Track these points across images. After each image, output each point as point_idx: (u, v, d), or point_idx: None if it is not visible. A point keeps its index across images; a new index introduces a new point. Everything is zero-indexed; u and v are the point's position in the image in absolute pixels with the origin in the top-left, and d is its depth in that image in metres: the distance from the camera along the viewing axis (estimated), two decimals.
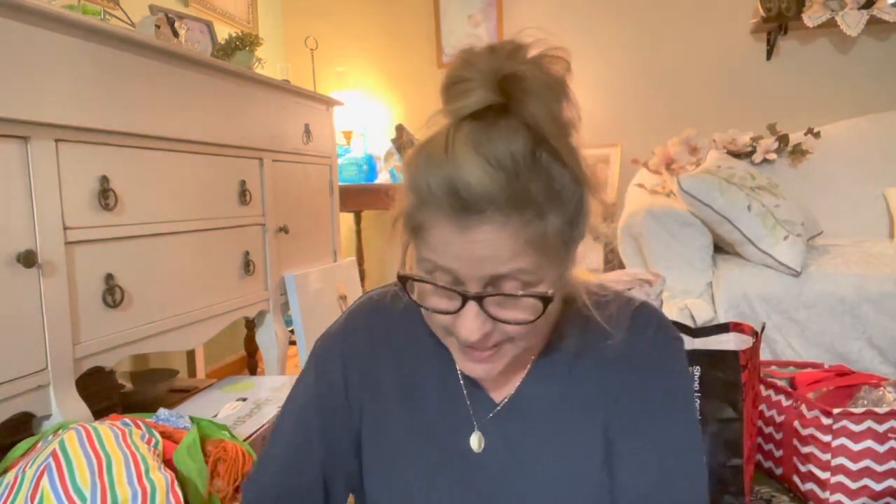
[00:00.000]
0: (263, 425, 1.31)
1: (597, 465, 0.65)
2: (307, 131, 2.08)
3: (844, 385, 1.42)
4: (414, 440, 0.69)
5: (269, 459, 0.72)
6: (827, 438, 1.26)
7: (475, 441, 0.67)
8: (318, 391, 0.72)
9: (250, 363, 2.38)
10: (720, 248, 2.17)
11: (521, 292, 0.55)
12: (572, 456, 0.66)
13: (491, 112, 0.52)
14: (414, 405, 0.69)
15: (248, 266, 1.72)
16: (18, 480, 0.87)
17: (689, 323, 1.94)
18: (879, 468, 1.24)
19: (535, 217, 0.52)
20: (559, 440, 0.66)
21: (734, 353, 1.23)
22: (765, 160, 2.58)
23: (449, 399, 0.69)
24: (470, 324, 0.56)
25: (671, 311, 2.01)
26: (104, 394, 1.45)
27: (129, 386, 1.67)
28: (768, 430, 1.42)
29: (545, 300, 0.55)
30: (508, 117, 0.52)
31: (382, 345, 0.71)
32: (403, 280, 0.59)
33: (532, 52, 0.54)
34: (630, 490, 0.64)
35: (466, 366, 0.62)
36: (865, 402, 1.36)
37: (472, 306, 0.56)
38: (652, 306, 0.70)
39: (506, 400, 0.68)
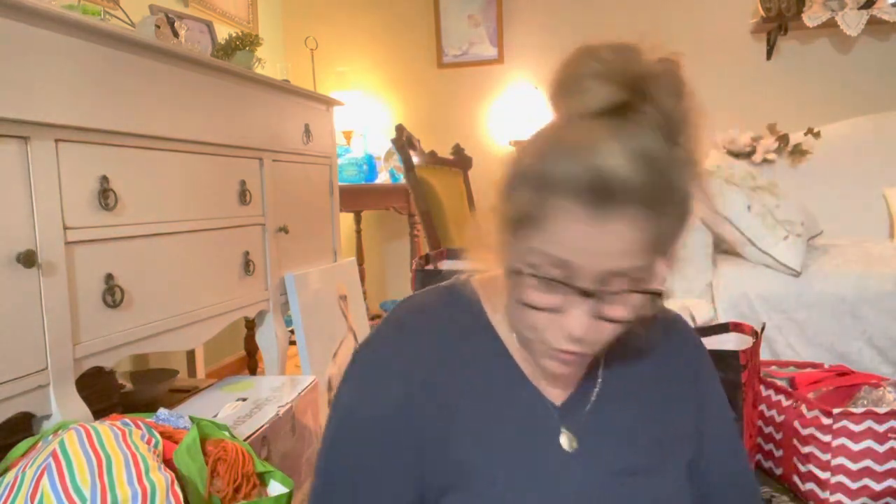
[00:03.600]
0: (263, 425, 1.31)
1: (685, 452, 0.69)
2: (307, 131, 2.08)
3: (844, 385, 1.42)
4: (499, 454, 0.64)
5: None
6: (827, 438, 1.26)
7: (565, 440, 0.66)
8: (386, 413, 0.65)
9: (250, 363, 2.38)
10: (720, 248, 2.17)
11: (633, 289, 0.55)
12: (659, 445, 0.68)
13: (621, 108, 0.52)
14: (488, 413, 0.66)
15: (248, 266, 1.72)
16: (18, 480, 0.87)
17: (689, 323, 1.94)
18: (879, 468, 1.23)
19: (657, 215, 0.52)
20: (645, 432, 0.68)
21: (734, 353, 1.23)
22: (765, 160, 2.59)
23: (525, 398, 0.67)
24: (578, 321, 0.56)
25: None
26: (104, 394, 1.45)
27: (129, 386, 1.67)
28: (768, 430, 1.42)
29: (658, 295, 0.56)
30: (643, 113, 0.52)
31: (444, 358, 0.67)
32: (517, 273, 0.57)
33: (648, 53, 0.55)
34: (718, 463, 0.73)
35: (550, 364, 0.62)
36: (865, 402, 1.36)
37: (582, 303, 0.55)
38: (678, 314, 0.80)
39: (581, 399, 0.68)
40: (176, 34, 1.59)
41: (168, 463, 0.96)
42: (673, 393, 0.71)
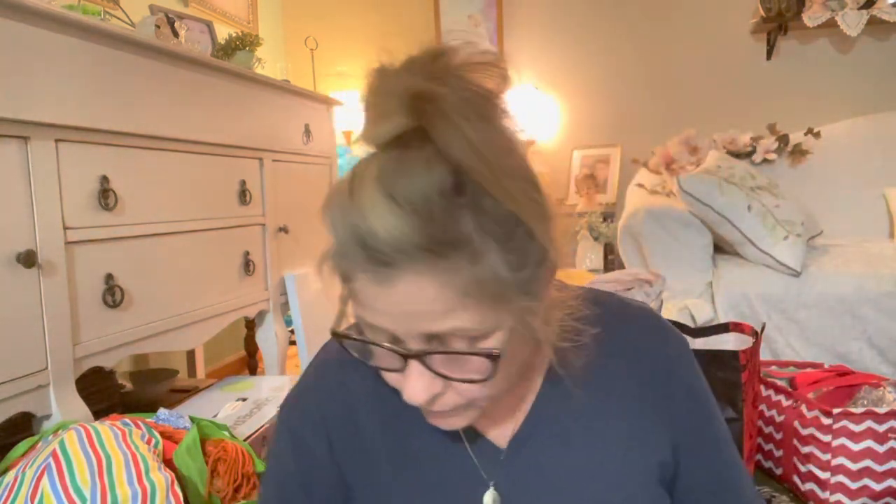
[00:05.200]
0: (263, 425, 1.31)
1: (648, 484, 0.60)
2: (307, 131, 2.08)
3: (844, 385, 1.42)
4: None
5: None
6: (827, 438, 1.26)
7: (489, 500, 0.58)
8: (300, 466, 0.62)
9: (250, 363, 2.38)
10: (720, 248, 2.17)
11: (466, 349, 0.46)
12: (612, 486, 0.59)
13: (409, 139, 0.44)
14: (409, 468, 0.60)
15: (248, 266, 1.72)
16: (18, 480, 0.87)
17: (689, 323, 1.94)
18: (879, 468, 1.23)
19: (467, 262, 0.43)
20: (592, 471, 0.58)
21: (734, 353, 1.23)
22: (765, 160, 2.59)
23: (448, 454, 0.60)
24: (414, 384, 0.48)
25: (671, 311, 2.02)
26: (104, 394, 1.45)
27: (129, 386, 1.67)
28: (768, 430, 1.42)
29: (493, 358, 0.46)
30: (423, 146, 0.43)
31: (361, 402, 0.61)
32: (338, 338, 0.51)
33: (456, 61, 0.46)
34: (696, 488, 0.62)
35: (431, 420, 0.55)
36: (865, 402, 1.36)
37: (414, 365, 0.48)
38: (647, 308, 0.67)
39: (512, 443, 0.60)
40: (176, 34, 1.59)
41: (168, 463, 0.96)
42: (630, 416, 0.60)
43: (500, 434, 0.60)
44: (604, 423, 0.60)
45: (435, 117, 0.43)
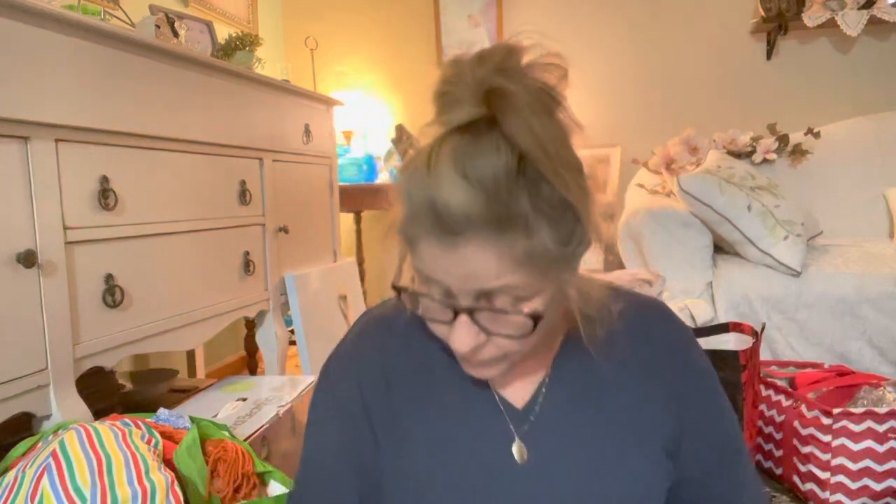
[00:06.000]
0: (263, 425, 1.31)
1: (654, 448, 0.65)
2: (307, 131, 2.08)
3: (844, 385, 1.42)
4: (447, 461, 0.65)
5: None
6: (827, 438, 1.26)
7: (517, 451, 0.64)
8: (341, 424, 0.69)
9: (250, 363, 2.38)
10: (720, 248, 2.17)
11: (510, 308, 0.54)
12: (625, 451, 0.64)
13: (478, 125, 0.50)
14: (437, 418, 0.66)
15: (248, 266, 1.72)
16: (18, 480, 0.87)
17: (689, 323, 1.94)
18: (879, 468, 1.24)
19: (523, 236, 0.50)
20: (605, 433, 0.65)
21: (734, 353, 1.23)
22: (765, 160, 2.59)
23: (477, 406, 0.66)
24: (461, 335, 0.56)
25: None
26: (104, 394, 1.45)
27: (129, 386, 1.67)
28: (768, 430, 1.42)
29: (535, 318, 0.54)
30: (492, 132, 0.50)
31: (395, 362, 0.69)
32: (398, 291, 0.59)
33: (525, 59, 0.52)
34: (696, 467, 0.68)
35: (468, 369, 0.62)
36: (865, 402, 1.36)
37: (463, 319, 0.55)
38: (659, 299, 0.74)
39: (538, 403, 0.66)
40: (176, 34, 1.59)
41: (168, 463, 0.96)
42: (640, 388, 0.67)
43: (518, 392, 0.67)
44: (616, 391, 0.66)
45: (506, 109, 0.49)
